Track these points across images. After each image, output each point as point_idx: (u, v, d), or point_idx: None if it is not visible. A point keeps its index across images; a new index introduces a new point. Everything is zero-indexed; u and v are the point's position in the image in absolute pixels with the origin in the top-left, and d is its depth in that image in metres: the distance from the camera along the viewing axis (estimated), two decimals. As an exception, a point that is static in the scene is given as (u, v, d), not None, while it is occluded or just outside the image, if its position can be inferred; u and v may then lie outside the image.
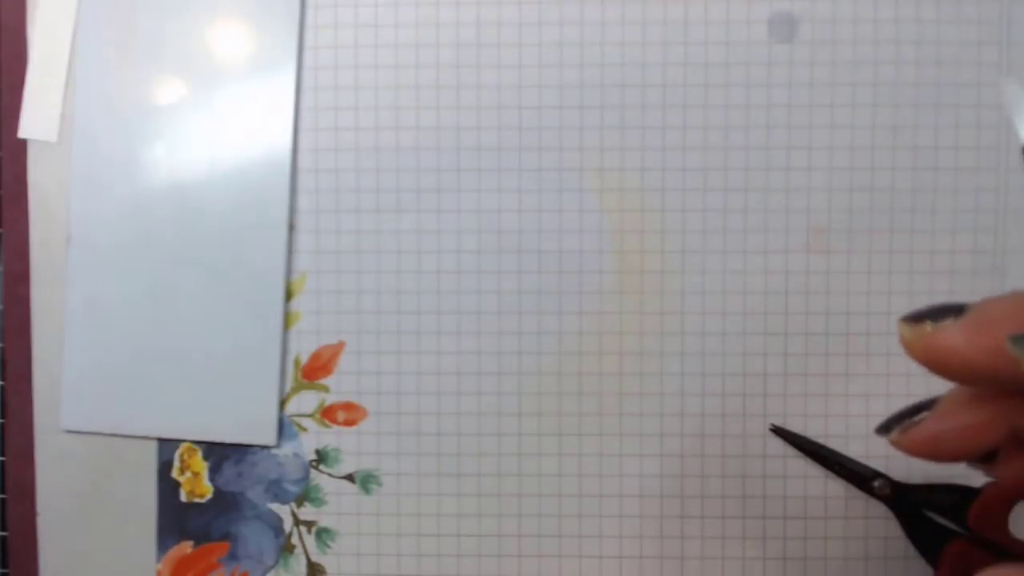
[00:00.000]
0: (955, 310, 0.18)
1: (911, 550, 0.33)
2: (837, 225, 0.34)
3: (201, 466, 0.35)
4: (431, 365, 0.35)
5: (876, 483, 0.33)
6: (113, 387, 0.35)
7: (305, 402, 0.35)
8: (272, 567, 0.35)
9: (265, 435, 0.35)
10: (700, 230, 0.34)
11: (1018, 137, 0.28)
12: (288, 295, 0.35)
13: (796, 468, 0.34)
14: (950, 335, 0.18)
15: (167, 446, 0.35)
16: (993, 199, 0.34)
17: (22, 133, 0.35)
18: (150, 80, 0.35)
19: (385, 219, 0.35)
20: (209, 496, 0.35)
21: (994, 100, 0.34)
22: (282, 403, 0.35)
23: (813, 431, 0.34)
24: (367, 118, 0.35)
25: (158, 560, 0.35)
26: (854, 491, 0.34)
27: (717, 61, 0.34)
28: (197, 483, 0.35)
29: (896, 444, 0.21)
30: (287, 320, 0.35)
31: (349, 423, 0.35)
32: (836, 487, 0.34)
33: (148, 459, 0.35)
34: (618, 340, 0.34)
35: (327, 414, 0.35)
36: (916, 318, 0.19)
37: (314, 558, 0.35)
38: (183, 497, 0.35)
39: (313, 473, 0.35)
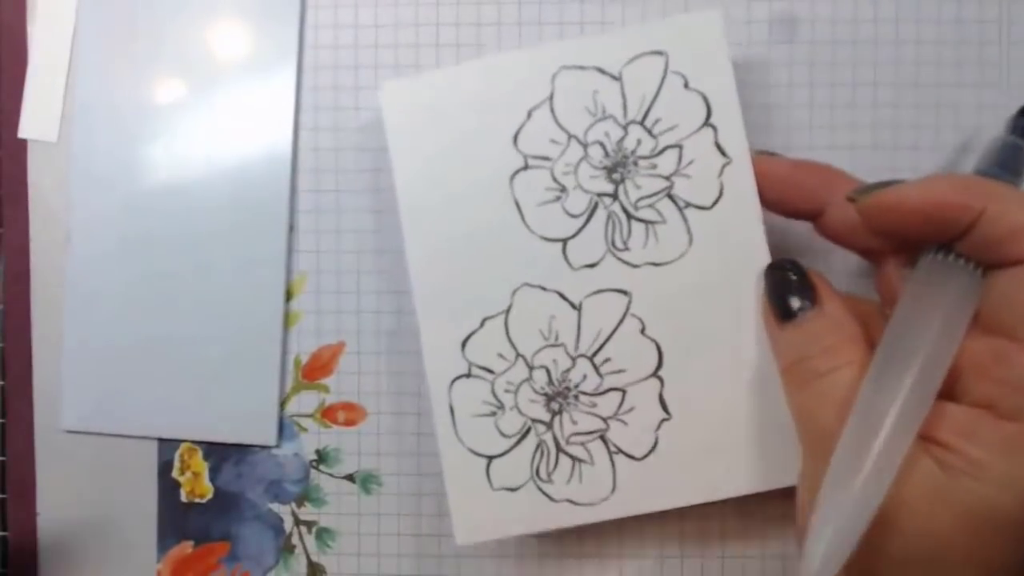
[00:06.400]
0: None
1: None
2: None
3: (201, 466, 0.35)
4: (431, 365, 0.34)
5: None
6: (113, 387, 0.35)
7: (305, 402, 0.35)
8: (272, 567, 0.35)
9: (265, 435, 0.35)
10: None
11: None
12: (288, 295, 0.35)
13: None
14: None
15: (167, 446, 0.35)
16: (993, 199, 0.34)
17: (22, 133, 0.35)
18: (150, 80, 0.35)
19: (385, 219, 0.35)
20: (209, 496, 0.35)
21: (994, 100, 0.34)
22: (282, 403, 0.35)
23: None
24: (367, 118, 0.35)
25: (158, 560, 0.35)
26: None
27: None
28: (197, 483, 0.35)
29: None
30: (287, 320, 0.35)
31: (349, 423, 0.35)
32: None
33: (148, 459, 0.35)
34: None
35: (327, 414, 0.35)
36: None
37: (314, 558, 0.35)
38: (183, 497, 0.35)
39: (313, 473, 0.35)
